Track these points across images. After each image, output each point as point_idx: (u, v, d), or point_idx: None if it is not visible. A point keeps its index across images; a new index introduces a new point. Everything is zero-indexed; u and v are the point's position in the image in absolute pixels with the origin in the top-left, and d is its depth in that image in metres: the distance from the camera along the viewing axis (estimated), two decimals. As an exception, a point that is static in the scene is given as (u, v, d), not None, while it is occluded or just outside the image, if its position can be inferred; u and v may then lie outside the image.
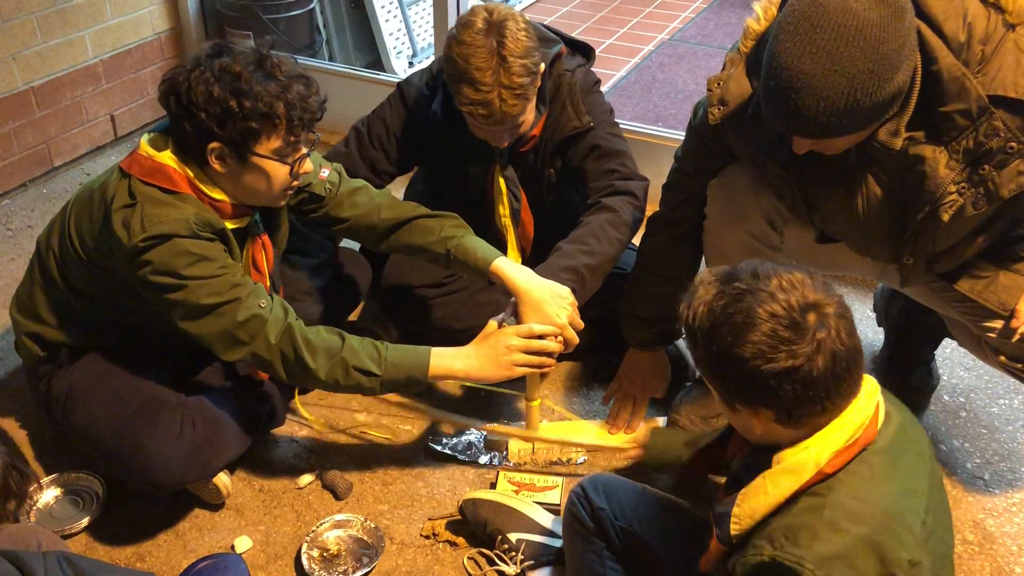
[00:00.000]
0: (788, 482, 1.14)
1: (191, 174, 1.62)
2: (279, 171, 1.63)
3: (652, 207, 1.99)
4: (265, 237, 1.80)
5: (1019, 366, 1.71)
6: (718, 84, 1.63)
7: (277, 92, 1.56)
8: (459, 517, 1.83)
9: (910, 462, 1.19)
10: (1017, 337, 1.61)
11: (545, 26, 2.12)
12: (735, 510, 1.18)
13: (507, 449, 2.00)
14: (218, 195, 1.64)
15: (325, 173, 1.90)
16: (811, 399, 1.11)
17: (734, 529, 1.18)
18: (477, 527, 1.79)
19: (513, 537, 1.74)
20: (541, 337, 1.76)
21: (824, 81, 1.31)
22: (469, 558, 1.78)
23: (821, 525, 1.10)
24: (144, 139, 1.65)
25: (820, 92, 1.32)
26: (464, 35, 1.85)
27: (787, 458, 1.15)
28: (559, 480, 1.91)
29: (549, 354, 1.78)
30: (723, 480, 1.35)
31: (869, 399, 1.17)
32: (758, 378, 1.10)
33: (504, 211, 2.18)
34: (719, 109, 1.63)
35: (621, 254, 2.00)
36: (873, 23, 1.30)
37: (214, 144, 1.57)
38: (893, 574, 1.08)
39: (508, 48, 1.83)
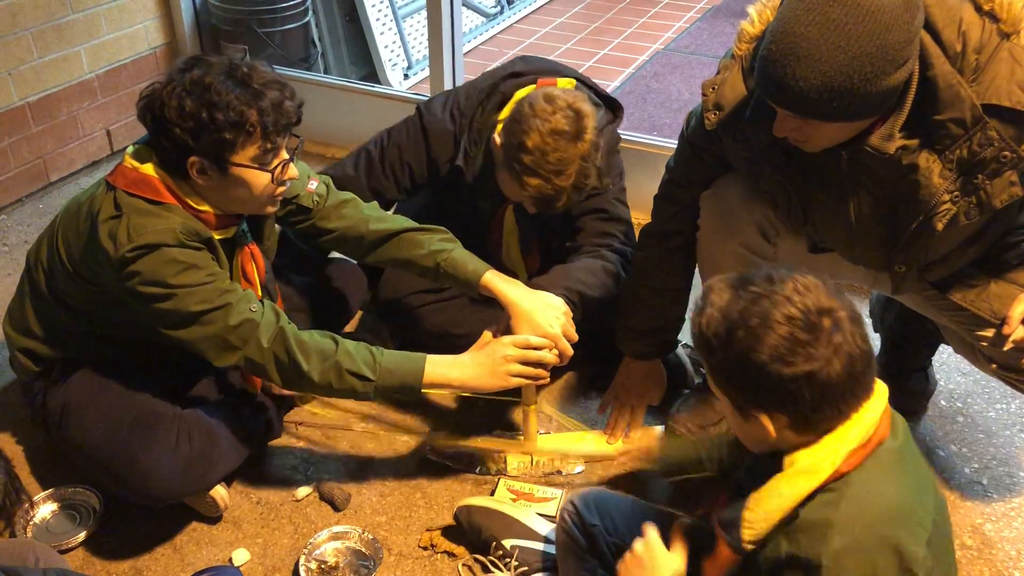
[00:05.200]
0: (805, 483, 1.13)
1: (175, 187, 1.62)
2: (260, 179, 1.63)
3: (645, 217, 1.99)
4: (254, 246, 1.80)
5: (1011, 375, 1.71)
6: (713, 88, 1.62)
7: (248, 100, 1.55)
8: (454, 524, 1.82)
9: (916, 460, 1.20)
10: (1009, 345, 1.60)
11: (579, 77, 2.11)
12: (746, 514, 1.16)
13: (505, 462, 1.99)
14: (202, 206, 1.64)
15: (313, 185, 1.89)
16: (829, 403, 1.11)
17: (747, 535, 1.16)
18: (472, 533, 1.79)
19: (507, 543, 1.73)
20: (537, 348, 1.76)
21: (827, 53, 1.29)
22: (464, 565, 1.78)
23: (838, 519, 1.10)
24: (129, 151, 1.65)
25: (819, 64, 1.30)
26: (551, 126, 1.80)
27: (801, 459, 1.14)
28: (558, 492, 1.90)
29: (544, 365, 1.78)
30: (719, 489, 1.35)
31: (880, 397, 1.17)
32: (776, 382, 1.10)
33: (514, 251, 2.18)
34: (715, 114, 1.61)
35: (604, 301, 1.99)
36: (886, 8, 1.28)
37: (193, 158, 1.57)
38: (910, 569, 1.08)
39: (591, 157, 1.84)
